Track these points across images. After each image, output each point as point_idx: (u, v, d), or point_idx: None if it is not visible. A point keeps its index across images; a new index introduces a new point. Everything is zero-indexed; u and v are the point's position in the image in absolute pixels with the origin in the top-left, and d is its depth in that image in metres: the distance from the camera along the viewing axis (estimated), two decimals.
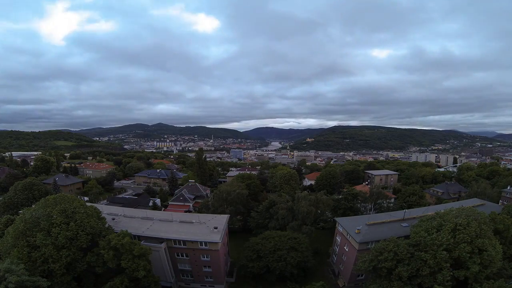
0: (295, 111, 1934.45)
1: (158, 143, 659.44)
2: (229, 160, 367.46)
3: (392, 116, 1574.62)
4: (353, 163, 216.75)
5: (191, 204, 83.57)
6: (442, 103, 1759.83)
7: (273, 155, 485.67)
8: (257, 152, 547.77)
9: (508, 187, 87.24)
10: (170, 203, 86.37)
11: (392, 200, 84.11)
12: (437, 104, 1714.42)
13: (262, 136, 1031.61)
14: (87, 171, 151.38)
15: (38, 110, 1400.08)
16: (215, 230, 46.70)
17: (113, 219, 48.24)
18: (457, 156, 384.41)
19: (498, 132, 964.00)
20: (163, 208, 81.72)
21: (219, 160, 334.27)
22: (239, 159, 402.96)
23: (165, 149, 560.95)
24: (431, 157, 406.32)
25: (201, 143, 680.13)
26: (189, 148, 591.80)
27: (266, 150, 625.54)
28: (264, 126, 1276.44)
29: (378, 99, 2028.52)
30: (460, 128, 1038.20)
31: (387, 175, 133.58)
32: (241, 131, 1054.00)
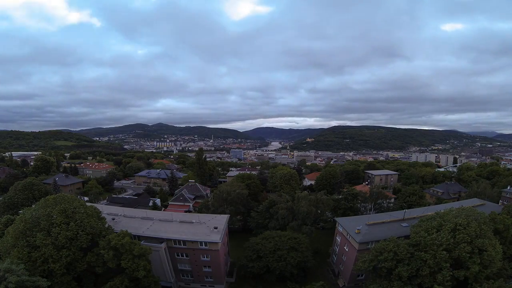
0: (308, 108, 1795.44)
1: (158, 143, 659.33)
2: (229, 160, 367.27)
3: (411, 114, 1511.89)
4: (353, 163, 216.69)
5: (191, 204, 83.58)
6: (467, 101, 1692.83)
7: (273, 155, 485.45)
8: (257, 152, 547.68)
9: (508, 187, 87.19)
10: (170, 203, 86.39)
11: (392, 200, 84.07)
12: (459, 102, 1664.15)
13: (262, 136, 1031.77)
14: (87, 171, 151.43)
15: (28, 106, 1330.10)
16: (215, 230, 46.71)
17: (113, 219, 48.26)
18: (457, 156, 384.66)
19: (498, 132, 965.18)
20: (163, 208, 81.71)
21: (219, 160, 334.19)
22: (239, 159, 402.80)
23: (165, 149, 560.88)
24: (431, 157, 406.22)
25: (201, 143, 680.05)
26: (189, 148, 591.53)
27: (266, 150, 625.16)
28: (264, 126, 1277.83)
29: (404, 94, 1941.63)
30: (460, 128, 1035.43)
31: (387, 175, 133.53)
32: (241, 131, 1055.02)
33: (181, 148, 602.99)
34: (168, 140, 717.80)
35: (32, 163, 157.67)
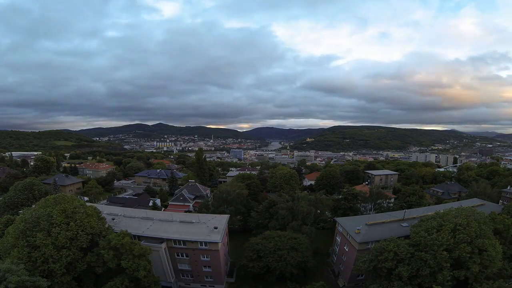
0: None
1: (158, 143, 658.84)
2: (229, 160, 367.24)
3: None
4: (353, 163, 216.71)
5: (191, 204, 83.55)
6: None
7: (273, 155, 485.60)
8: (257, 152, 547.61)
9: (508, 187, 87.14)
10: (170, 203, 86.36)
11: (392, 200, 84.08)
12: None
13: (262, 136, 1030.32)
14: (87, 171, 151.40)
15: None
16: (215, 230, 46.70)
17: (113, 219, 48.19)
18: (457, 156, 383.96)
19: (498, 132, 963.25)
20: (163, 208, 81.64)
21: (219, 160, 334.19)
22: (239, 159, 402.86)
23: (165, 149, 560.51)
24: (431, 157, 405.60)
25: (201, 143, 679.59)
26: (189, 148, 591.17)
27: (266, 150, 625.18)
28: (264, 126, 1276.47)
29: None
30: (460, 128, 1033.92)
31: (387, 175, 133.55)
32: (241, 131, 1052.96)
33: (181, 148, 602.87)
34: (168, 140, 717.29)
35: (32, 163, 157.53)
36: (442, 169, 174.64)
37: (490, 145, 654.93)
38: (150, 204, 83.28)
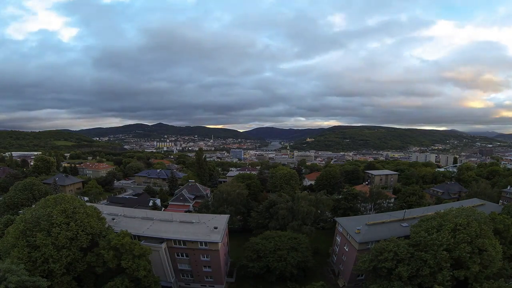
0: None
1: (158, 143, 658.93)
2: (229, 160, 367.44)
3: None
4: (353, 163, 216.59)
5: (191, 204, 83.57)
6: None
7: (273, 155, 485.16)
8: (257, 152, 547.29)
9: (508, 187, 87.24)
10: (170, 203, 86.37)
11: (392, 200, 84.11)
12: None
13: (262, 136, 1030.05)
14: (87, 171, 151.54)
15: None
16: (215, 230, 46.71)
17: (113, 219, 48.23)
18: (457, 156, 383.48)
19: (498, 132, 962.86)
20: (163, 208, 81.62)
21: (219, 160, 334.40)
22: (239, 159, 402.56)
23: (165, 149, 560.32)
24: (431, 157, 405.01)
25: (201, 143, 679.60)
26: (189, 148, 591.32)
27: (266, 150, 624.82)
28: (264, 126, 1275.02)
29: None
30: (460, 128, 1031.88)
31: (387, 175, 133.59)
32: (241, 131, 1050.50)
33: (181, 148, 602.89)
34: (168, 140, 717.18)
35: (32, 163, 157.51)
36: (442, 169, 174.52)
37: (490, 145, 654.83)
38: (150, 204, 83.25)
